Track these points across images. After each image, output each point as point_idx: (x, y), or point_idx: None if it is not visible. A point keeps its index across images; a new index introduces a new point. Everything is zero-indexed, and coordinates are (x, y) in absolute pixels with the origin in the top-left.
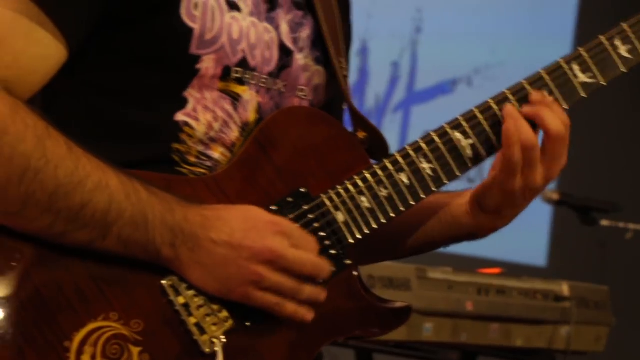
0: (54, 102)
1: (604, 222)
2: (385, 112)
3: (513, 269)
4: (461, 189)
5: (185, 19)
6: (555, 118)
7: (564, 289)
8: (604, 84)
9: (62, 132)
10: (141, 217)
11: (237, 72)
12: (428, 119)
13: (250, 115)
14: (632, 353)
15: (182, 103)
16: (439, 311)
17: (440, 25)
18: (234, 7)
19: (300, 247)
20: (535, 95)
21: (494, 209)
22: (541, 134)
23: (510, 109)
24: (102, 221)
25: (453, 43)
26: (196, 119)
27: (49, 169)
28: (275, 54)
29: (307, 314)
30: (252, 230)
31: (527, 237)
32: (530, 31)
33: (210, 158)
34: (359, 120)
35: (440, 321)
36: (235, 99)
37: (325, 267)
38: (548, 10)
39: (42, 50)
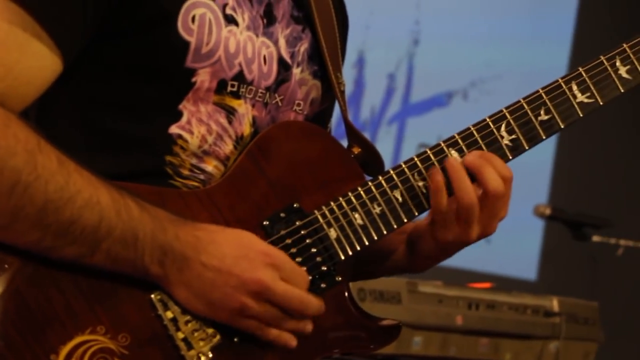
0: (49, 113)
1: (596, 238)
2: (380, 124)
3: (503, 282)
4: None
5: (182, 32)
6: (495, 176)
7: (554, 304)
8: (602, 104)
9: (54, 146)
10: (131, 235)
11: (232, 85)
12: (423, 131)
13: (245, 129)
14: None
15: (176, 116)
16: (429, 325)
17: (438, 38)
18: (231, 21)
19: (290, 281)
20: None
21: (426, 255)
22: None
23: (452, 162)
24: (91, 237)
25: (449, 55)
26: (190, 132)
27: (39, 183)
28: (274, 69)
29: (290, 341)
30: (243, 258)
31: (518, 250)
32: (527, 42)
33: (203, 171)
34: (354, 135)
35: (430, 335)
36: (230, 112)
37: (312, 303)
38: (546, 20)
39: (37, 62)
